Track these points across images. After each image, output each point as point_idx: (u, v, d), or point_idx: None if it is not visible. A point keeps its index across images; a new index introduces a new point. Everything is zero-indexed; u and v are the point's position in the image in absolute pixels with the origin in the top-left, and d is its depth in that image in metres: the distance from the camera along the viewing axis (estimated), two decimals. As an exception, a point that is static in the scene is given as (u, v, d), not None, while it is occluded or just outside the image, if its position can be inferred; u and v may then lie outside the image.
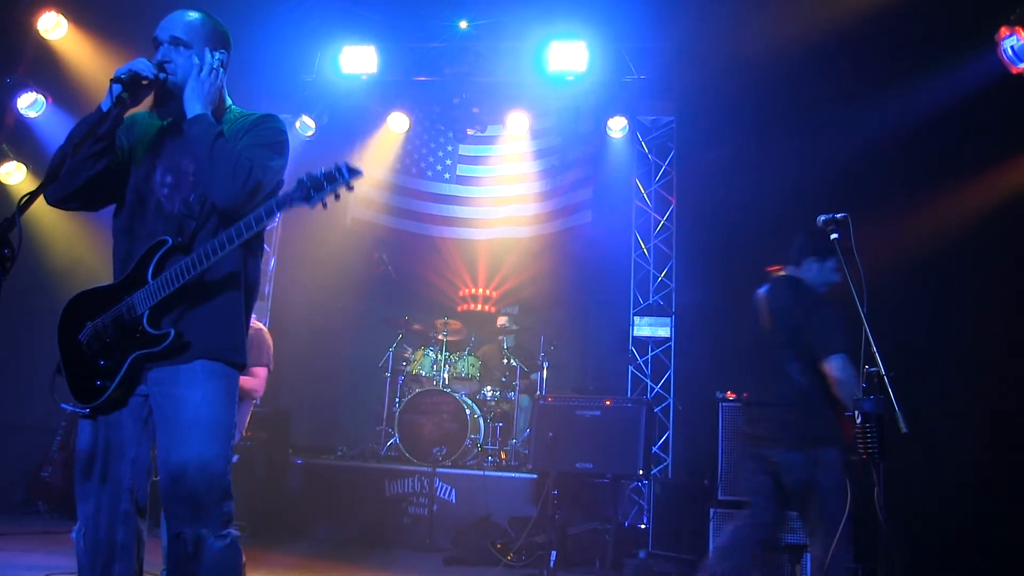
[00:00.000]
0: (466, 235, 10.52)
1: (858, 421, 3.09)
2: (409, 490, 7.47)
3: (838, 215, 3.56)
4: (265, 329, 5.85)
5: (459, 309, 10.28)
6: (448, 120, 10.07)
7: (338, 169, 2.64)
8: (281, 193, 2.74)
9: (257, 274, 3.09)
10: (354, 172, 2.65)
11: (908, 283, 4.39)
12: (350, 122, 9.67)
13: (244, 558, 2.89)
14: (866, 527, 4.09)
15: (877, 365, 3.10)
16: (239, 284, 2.96)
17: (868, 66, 7.14)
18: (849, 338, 4.56)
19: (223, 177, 2.78)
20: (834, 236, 3.58)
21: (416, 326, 9.05)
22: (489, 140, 10.34)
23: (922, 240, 5.73)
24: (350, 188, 2.67)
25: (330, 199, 2.66)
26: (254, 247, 3.06)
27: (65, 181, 2.88)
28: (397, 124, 9.68)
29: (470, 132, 10.12)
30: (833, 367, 4.23)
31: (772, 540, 4.38)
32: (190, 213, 2.88)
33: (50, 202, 2.95)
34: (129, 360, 2.77)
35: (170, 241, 2.82)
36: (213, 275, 2.87)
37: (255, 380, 5.54)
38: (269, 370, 5.64)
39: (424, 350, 8.76)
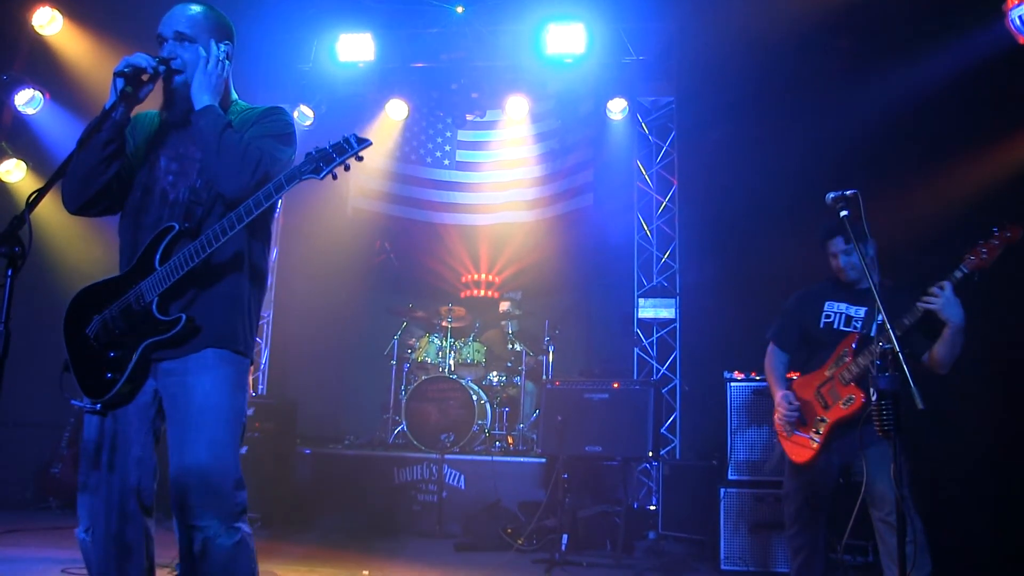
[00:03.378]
0: (467, 221, 10.50)
1: (873, 398, 3.07)
2: (418, 477, 7.48)
3: (848, 192, 3.50)
4: None
5: (462, 295, 10.26)
6: (447, 106, 10.05)
7: (347, 140, 2.65)
8: (290, 168, 2.72)
9: (264, 262, 3.07)
10: (363, 142, 2.66)
11: (919, 259, 4.35)
12: (348, 111, 9.64)
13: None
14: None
15: (891, 342, 3.07)
16: (244, 270, 2.95)
17: (872, 40, 7.08)
18: (778, 327, 4.63)
19: (231, 168, 2.77)
20: (843, 214, 3.53)
21: (420, 313, 9.03)
22: (488, 125, 10.30)
23: (933, 215, 5.69)
24: (359, 158, 2.67)
25: (339, 170, 2.67)
26: (260, 234, 3.04)
27: (82, 188, 2.89)
28: (395, 111, 9.66)
29: (469, 117, 10.10)
30: None
31: None
32: (197, 199, 2.87)
33: (71, 211, 2.96)
34: (140, 349, 2.76)
35: (177, 227, 2.81)
36: (220, 261, 2.87)
37: None
38: None
39: (429, 337, 8.76)
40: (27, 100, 8.01)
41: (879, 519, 3.96)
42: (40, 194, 2.43)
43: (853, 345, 4.15)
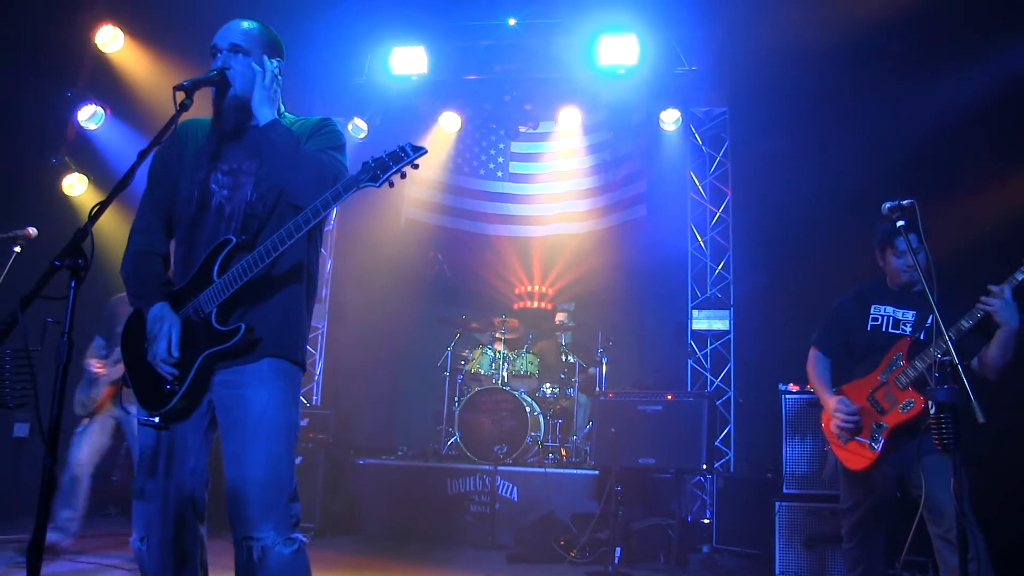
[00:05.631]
0: (521, 232, 10.51)
1: (932, 411, 3.01)
2: (471, 488, 7.48)
3: (904, 201, 3.44)
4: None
5: (515, 307, 10.26)
6: (500, 118, 10.08)
7: (402, 149, 2.67)
8: (347, 177, 2.74)
9: (318, 270, 3.11)
10: (419, 150, 2.69)
11: (979, 269, 4.23)
12: (402, 123, 9.71)
13: None
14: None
15: (950, 354, 3.00)
16: (302, 279, 2.98)
17: (928, 46, 6.95)
18: (823, 332, 4.50)
19: (311, 182, 2.79)
20: (900, 223, 3.47)
21: (473, 325, 9.05)
22: (541, 137, 10.32)
23: (993, 223, 5.53)
24: (415, 166, 2.70)
25: (396, 179, 2.69)
26: (316, 241, 3.08)
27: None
28: (449, 124, 9.73)
29: (522, 129, 10.12)
30: None
31: None
32: (253, 212, 2.90)
33: None
34: (199, 360, 2.78)
35: (234, 240, 2.84)
36: (278, 271, 2.90)
37: None
38: None
39: (482, 348, 8.77)
40: (89, 116, 8.26)
41: (938, 535, 3.84)
42: (102, 207, 2.48)
43: (906, 349, 4.05)
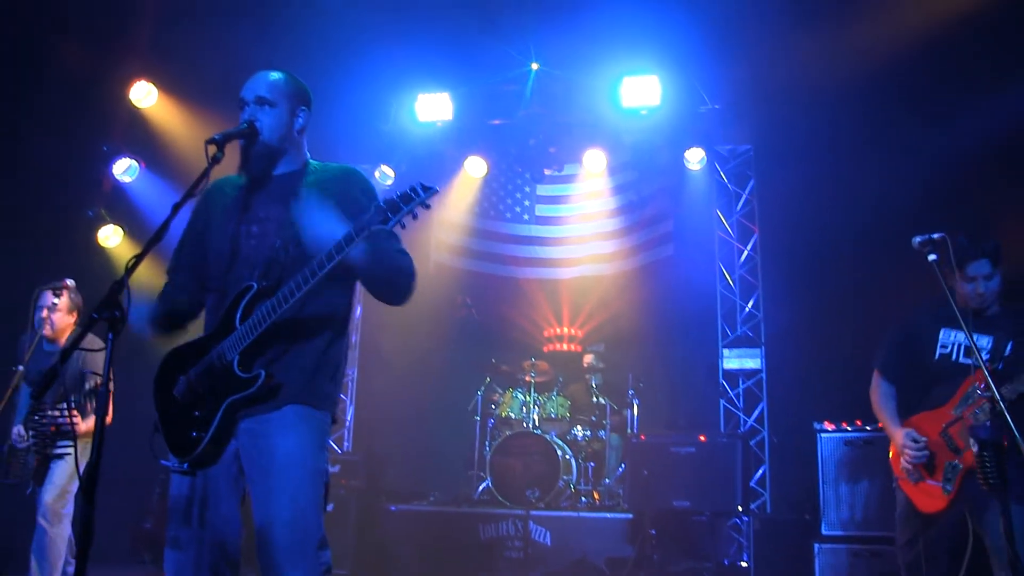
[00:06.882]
0: (548, 275, 10.50)
1: (975, 449, 2.94)
2: (503, 533, 7.42)
3: (935, 235, 3.40)
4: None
5: (545, 349, 10.23)
6: (525, 161, 10.11)
7: (413, 189, 2.65)
8: (357, 220, 2.69)
9: (347, 314, 3.07)
10: (429, 190, 2.66)
11: (1016, 299, 4.17)
12: (428, 169, 9.77)
13: None
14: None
15: (990, 389, 2.95)
16: (329, 326, 2.97)
17: (952, 76, 6.93)
18: (884, 355, 4.27)
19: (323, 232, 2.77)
20: (931, 258, 3.43)
21: (503, 368, 9.02)
22: (567, 179, 10.34)
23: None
24: (427, 206, 2.67)
25: (418, 222, 2.68)
26: (341, 286, 3.00)
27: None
28: (475, 168, 9.79)
29: (547, 172, 10.13)
30: None
31: None
32: (276, 258, 2.91)
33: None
34: (223, 407, 2.78)
35: (255, 286, 2.85)
36: (303, 317, 2.88)
37: None
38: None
39: (512, 392, 8.74)
40: (124, 169, 8.46)
41: None
42: (138, 260, 2.52)
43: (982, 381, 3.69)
